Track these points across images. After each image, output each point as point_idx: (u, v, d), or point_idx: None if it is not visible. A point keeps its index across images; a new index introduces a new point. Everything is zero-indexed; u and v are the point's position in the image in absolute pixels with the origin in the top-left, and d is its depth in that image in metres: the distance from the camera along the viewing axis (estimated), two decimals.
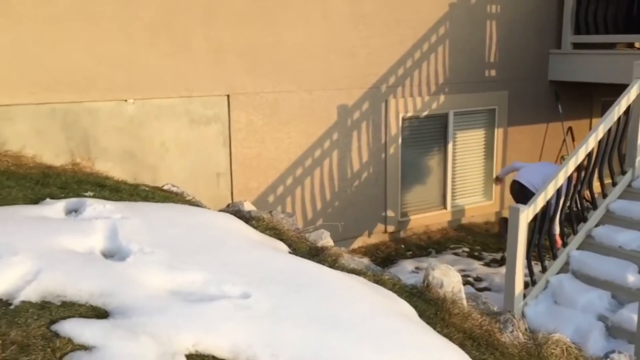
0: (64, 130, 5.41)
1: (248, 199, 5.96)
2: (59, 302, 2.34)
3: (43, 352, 2.03)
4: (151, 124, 5.81)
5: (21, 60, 5.08)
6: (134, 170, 5.71)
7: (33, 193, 3.86)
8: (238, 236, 3.44)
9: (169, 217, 3.47)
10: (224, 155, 6.24)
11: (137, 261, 2.72)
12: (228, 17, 6.04)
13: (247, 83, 6.25)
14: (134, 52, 5.60)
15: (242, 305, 2.52)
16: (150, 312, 2.33)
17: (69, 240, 2.84)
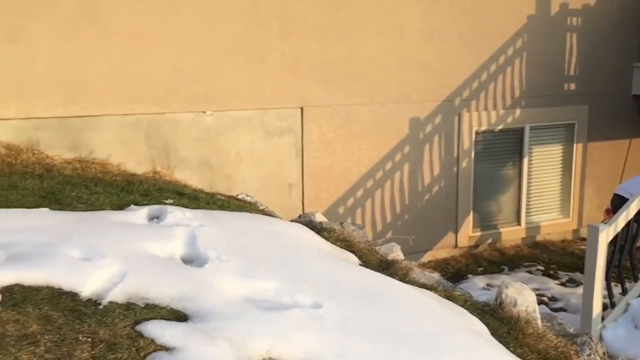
0: (146, 139, 5.69)
1: (318, 209, 6.03)
2: (143, 304, 2.47)
3: (128, 351, 2.15)
4: (227, 135, 6.00)
5: (110, 74, 5.39)
6: (210, 179, 5.91)
7: (118, 199, 4.08)
8: (310, 247, 3.51)
9: (244, 226, 3.59)
10: (296, 166, 6.36)
11: (214, 268, 2.83)
12: (303, 31, 6.17)
13: (320, 96, 6.35)
14: (213, 66, 5.82)
15: (314, 315, 2.58)
16: (227, 318, 2.43)
17: (151, 245, 2.99)
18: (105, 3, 5.29)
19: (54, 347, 2.09)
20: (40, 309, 2.28)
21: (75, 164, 5.15)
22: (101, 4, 5.27)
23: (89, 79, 5.31)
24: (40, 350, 2.05)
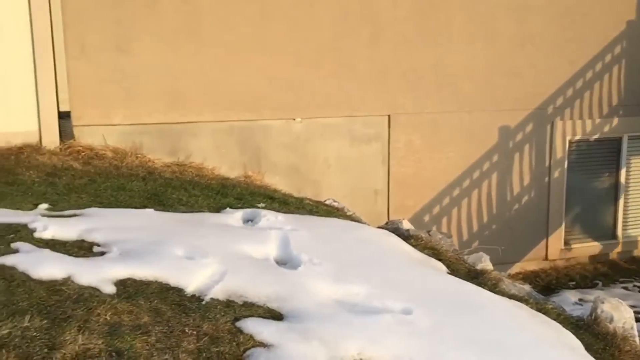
0: (238, 145, 5.93)
1: (404, 217, 6.03)
2: (241, 302, 2.62)
3: (230, 345, 2.29)
4: (316, 142, 6.15)
5: (207, 83, 5.67)
6: (298, 184, 6.07)
7: (215, 202, 4.30)
8: (398, 253, 3.55)
9: (334, 231, 3.69)
10: (383, 173, 6.41)
11: (307, 271, 2.94)
12: (391, 39, 6.22)
13: (408, 103, 6.37)
14: (303, 74, 5.99)
15: (404, 320, 2.62)
16: (320, 319, 2.52)
17: (247, 247, 3.14)
18: (204, 17, 5.58)
19: (163, 337, 2.26)
20: (151, 302, 2.47)
21: (173, 167, 5.45)
22: (201, 18, 5.56)
23: (188, 87, 5.61)
24: (151, 340, 2.23)
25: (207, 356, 2.21)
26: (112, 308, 2.36)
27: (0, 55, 4.76)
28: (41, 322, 2.18)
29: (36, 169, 4.37)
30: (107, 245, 2.92)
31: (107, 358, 2.07)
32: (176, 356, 2.17)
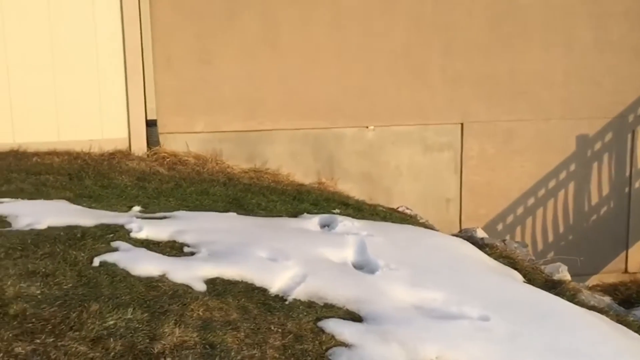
0: (312, 153, 6.09)
1: (476, 225, 6.00)
2: (322, 303, 2.74)
3: (313, 343, 2.41)
4: (388, 149, 6.22)
5: (283, 92, 5.87)
6: (370, 191, 6.16)
7: (292, 207, 4.46)
8: (474, 261, 3.58)
9: (409, 238, 3.75)
10: (455, 181, 6.40)
11: (384, 275, 3.03)
12: (465, 47, 6.22)
13: (481, 111, 6.34)
14: (376, 83, 6.08)
15: (482, 327, 2.67)
16: (398, 322, 2.61)
17: (326, 251, 3.26)
18: (281, 28, 5.78)
19: (251, 333, 2.41)
20: (238, 300, 2.63)
21: (250, 173, 5.68)
22: (278, 30, 5.76)
23: (266, 97, 5.82)
24: (241, 335, 2.38)
25: (292, 353, 2.34)
26: (204, 304, 2.53)
27: (96, 69, 5.13)
28: (142, 314, 2.37)
29: (127, 173, 4.67)
30: (196, 246, 3.11)
31: (202, 350, 2.24)
32: (264, 352, 2.31)
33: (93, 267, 2.71)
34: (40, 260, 2.68)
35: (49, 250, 2.80)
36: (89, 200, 3.81)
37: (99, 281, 2.58)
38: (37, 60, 4.97)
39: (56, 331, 2.17)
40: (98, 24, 5.08)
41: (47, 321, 2.22)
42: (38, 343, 2.10)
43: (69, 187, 4.02)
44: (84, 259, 2.77)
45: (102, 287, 2.53)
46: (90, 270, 2.67)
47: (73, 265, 2.68)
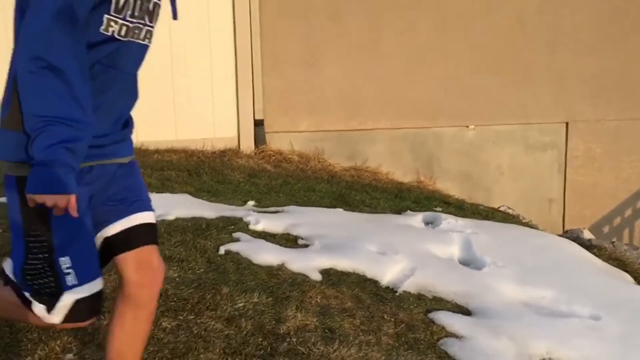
0: (412, 152, 6.18)
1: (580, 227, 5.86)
2: (431, 296, 2.85)
3: (424, 333, 2.54)
4: (488, 149, 6.20)
5: (385, 92, 5.99)
6: (469, 190, 6.16)
7: (394, 204, 4.59)
8: (581, 261, 3.56)
9: (515, 237, 3.78)
10: (558, 182, 6.27)
11: (492, 272, 3.10)
12: (571, 46, 6.08)
13: (588, 111, 6.17)
14: (478, 82, 6.07)
15: (593, 325, 2.68)
16: (508, 317, 2.67)
17: (432, 246, 3.37)
18: (384, 30, 5.90)
19: (366, 321, 2.57)
20: (352, 290, 2.80)
21: (351, 171, 5.85)
22: (381, 31, 5.90)
23: (367, 97, 5.98)
24: (356, 322, 2.55)
25: (405, 341, 2.48)
26: (321, 292, 2.72)
27: (210, 73, 5.49)
28: (267, 299, 2.59)
29: (238, 170, 4.98)
30: (309, 238, 3.31)
31: (322, 333, 2.42)
32: (379, 338, 2.46)
33: (220, 255, 2.97)
34: (174, 247, 2.97)
35: (181, 239, 3.09)
36: (208, 195, 4.13)
37: (226, 268, 2.83)
38: (158, 64, 5.39)
39: (195, 310, 2.43)
40: (212, 30, 5.44)
41: (186, 301, 2.48)
42: (181, 319, 2.36)
43: (190, 182, 4.36)
44: (211, 247, 3.03)
45: (229, 273, 2.78)
46: (218, 257, 2.93)
47: (202, 252, 2.95)
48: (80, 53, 1.39)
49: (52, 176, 1.31)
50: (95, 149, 1.50)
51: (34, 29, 1.35)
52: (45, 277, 1.49)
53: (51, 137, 1.31)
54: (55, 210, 1.36)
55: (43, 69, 1.33)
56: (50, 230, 1.46)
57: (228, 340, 2.27)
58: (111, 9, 1.45)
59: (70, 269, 1.49)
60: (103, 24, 1.45)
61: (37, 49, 1.33)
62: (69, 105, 1.34)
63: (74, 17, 1.37)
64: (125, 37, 1.50)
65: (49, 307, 1.51)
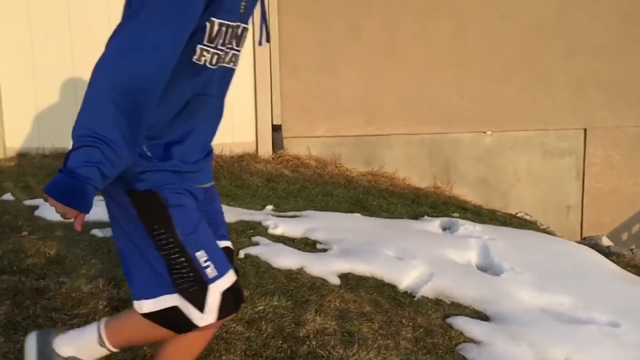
0: (429, 157, 6.19)
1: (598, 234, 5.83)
2: (449, 302, 2.87)
3: (442, 338, 2.55)
4: (505, 155, 6.19)
5: (402, 97, 6.02)
6: (485, 196, 6.16)
7: (411, 210, 4.61)
8: (599, 268, 3.55)
9: (532, 243, 3.78)
10: (576, 188, 6.24)
11: (509, 278, 3.11)
12: (589, 51, 6.06)
13: (606, 117, 6.14)
14: (494, 88, 6.07)
15: (611, 332, 2.68)
16: (526, 323, 2.68)
17: (450, 252, 3.39)
18: (401, 36, 5.93)
19: (384, 325, 2.59)
20: (370, 294, 2.82)
21: (368, 176, 5.88)
22: (398, 38, 5.92)
23: (384, 102, 6.01)
24: (375, 326, 2.57)
25: (424, 345, 2.50)
26: (339, 296, 2.75)
27: None
28: (286, 302, 2.63)
29: (256, 174, 5.03)
30: (328, 243, 3.35)
31: (341, 337, 2.45)
32: (397, 342, 2.48)
33: (240, 258, 3.01)
34: None
35: None
36: (227, 199, 4.17)
37: (246, 271, 2.87)
38: None
39: None
40: None
41: None
42: None
43: None
44: None
45: (249, 276, 2.82)
46: (238, 261, 2.97)
47: None
48: (161, 81, 1.37)
49: (75, 190, 1.32)
50: (190, 174, 1.53)
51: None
52: (187, 275, 1.49)
53: (93, 156, 1.31)
54: (62, 216, 1.36)
55: (119, 103, 1.33)
56: (175, 230, 1.47)
57: (249, 343, 2.31)
58: (204, 39, 1.43)
59: (208, 262, 1.50)
60: (196, 54, 1.44)
61: (121, 77, 1.33)
62: (122, 135, 1.33)
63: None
64: (215, 65, 1.49)
65: (200, 306, 1.50)
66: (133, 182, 1.47)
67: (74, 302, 2.44)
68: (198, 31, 1.41)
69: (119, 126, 1.32)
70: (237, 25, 1.49)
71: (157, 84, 1.36)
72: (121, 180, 1.45)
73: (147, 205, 1.48)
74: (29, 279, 2.57)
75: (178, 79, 1.43)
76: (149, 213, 1.48)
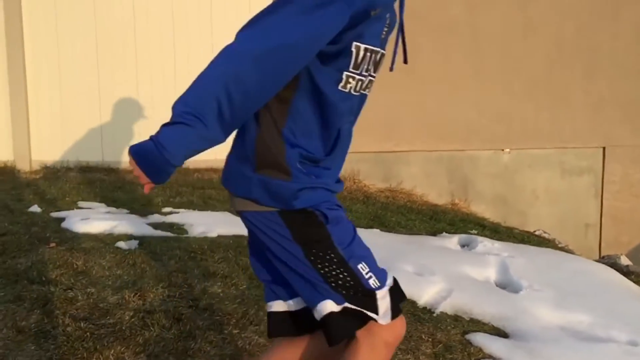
0: (447, 174, 6.22)
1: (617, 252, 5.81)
2: (468, 318, 2.89)
3: (462, 354, 2.58)
4: (524, 172, 6.20)
5: (421, 114, 6.07)
6: (503, 213, 6.17)
7: (429, 226, 4.64)
8: (618, 287, 3.55)
9: (551, 261, 3.78)
10: (594, 207, 6.22)
11: (528, 295, 3.12)
12: (609, 70, 6.08)
13: (626, 135, 6.14)
14: (513, 106, 6.10)
15: (630, 351, 2.68)
16: (545, 341, 2.70)
17: (469, 269, 3.41)
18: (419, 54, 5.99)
19: (404, 340, 2.59)
20: None
21: (386, 192, 5.92)
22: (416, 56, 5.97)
23: (403, 119, 6.06)
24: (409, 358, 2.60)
25: None
26: None
27: None
28: None
29: None
30: None
31: None
32: (417, 357, 2.51)
33: None
34: (218, 264, 3.09)
35: (223, 256, 3.20)
36: None
37: None
38: None
39: (239, 324, 2.52)
40: None
41: (230, 315, 2.58)
42: (226, 333, 2.46)
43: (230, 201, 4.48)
44: None
45: None
46: None
47: (245, 269, 3.05)
48: (280, 83, 1.35)
49: (157, 163, 1.31)
50: (335, 195, 1.53)
51: (251, 47, 1.30)
52: (351, 288, 1.46)
53: (186, 137, 1.30)
54: (135, 176, 1.36)
55: (231, 91, 1.30)
56: (335, 245, 1.45)
57: None
58: (351, 65, 1.41)
59: (369, 273, 1.49)
60: (342, 81, 1.42)
61: (242, 67, 1.30)
62: (222, 122, 1.32)
63: (306, 54, 1.34)
64: (358, 92, 1.48)
65: (374, 310, 1.47)
66: (290, 200, 1.44)
67: (101, 312, 2.51)
68: (344, 57, 1.39)
69: (222, 114, 1.31)
70: (378, 50, 1.47)
71: (275, 84, 1.34)
72: (275, 200, 1.44)
73: (303, 226, 1.46)
74: (57, 289, 2.64)
75: (327, 107, 1.42)
76: (305, 233, 1.45)
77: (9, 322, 2.36)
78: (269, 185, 1.44)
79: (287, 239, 1.46)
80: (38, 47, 5.42)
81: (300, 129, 1.44)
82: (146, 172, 1.34)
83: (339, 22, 1.34)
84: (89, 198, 4.32)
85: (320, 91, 1.41)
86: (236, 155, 1.50)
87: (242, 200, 1.50)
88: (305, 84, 1.41)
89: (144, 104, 5.55)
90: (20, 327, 2.33)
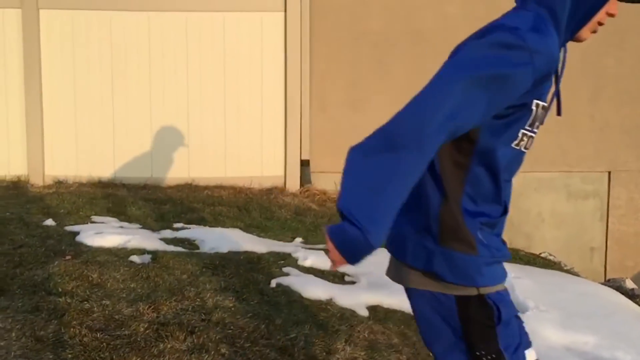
0: None
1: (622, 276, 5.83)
2: None
3: None
4: (530, 195, 6.25)
5: None
6: (509, 236, 6.16)
7: None
8: (625, 309, 3.59)
9: (556, 283, 3.83)
10: (600, 230, 6.26)
11: (534, 316, 3.17)
12: (614, 95, 6.16)
13: (631, 160, 6.20)
14: None
15: None
16: None
17: None
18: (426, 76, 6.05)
19: (412, 357, 2.67)
20: (398, 327, 2.91)
21: None
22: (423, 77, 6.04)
23: None
24: (402, 358, 2.65)
25: None
26: (368, 327, 2.84)
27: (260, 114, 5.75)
28: (317, 331, 2.73)
29: (285, 208, 5.16)
30: (356, 276, 3.44)
31: None
32: None
33: (271, 287, 3.12)
34: (229, 279, 3.15)
35: (234, 271, 3.26)
36: (257, 230, 4.31)
37: (278, 300, 2.98)
38: (212, 106, 5.68)
39: (251, 338, 2.57)
40: (265, 74, 5.72)
41: (242, 329, 2.63)
42: (237, 347, 2.51)
43: (240, 218, 4.56)
44: (263, 280, 3.19)
45: (281, 305, 2.93)
46: (270, 290, 3.09)
47: (255, 284, 3.12)
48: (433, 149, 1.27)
49: (359, 249, 1.27)
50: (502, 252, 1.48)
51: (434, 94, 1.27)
52: None
53: (357, 239, 1.25)
54: (329, 257, 1.31)
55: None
56: (499, 347, 1.38)
57: None
58: (527, 122, 1.36)
59: None
60: (517, 139, 1.37)
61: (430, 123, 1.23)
62: (383, 217, 1.26)
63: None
64: (526, 149, 1.41)
65: None
66: (475, 276, 1.36)
67: (117, 323, 2.57)
68: (524, 114, 1.34)
69: (383, 212, 1.26)
70: (547, 106, 1.42)
71: (428, 154, 1.25)
72: (456, 276, 1.36)
73: (475, 321, 1.38)
74: (74, 301, 2.70)
75: (499, 167, 1.37)
76: (475, 332, 1.38)
77: (27, 332, 2.42)
78: (453, 258, 1.37)
79: (455, 329, 1.40)
80: (54, 65, 5.55)
81: (479, 194, 1.39)
82: (344, 255, 1.30)
83: (523, 88, 1.30)
84: (102, 212, 4.40)
85: (495, 151, 1.36)
86: (413, 225, 1.43)
87: (420, 277, 1.43)
88: (481, 146, 1.35)
89: (155, 123, 5.66)
90: (39, 337, 2.39)
